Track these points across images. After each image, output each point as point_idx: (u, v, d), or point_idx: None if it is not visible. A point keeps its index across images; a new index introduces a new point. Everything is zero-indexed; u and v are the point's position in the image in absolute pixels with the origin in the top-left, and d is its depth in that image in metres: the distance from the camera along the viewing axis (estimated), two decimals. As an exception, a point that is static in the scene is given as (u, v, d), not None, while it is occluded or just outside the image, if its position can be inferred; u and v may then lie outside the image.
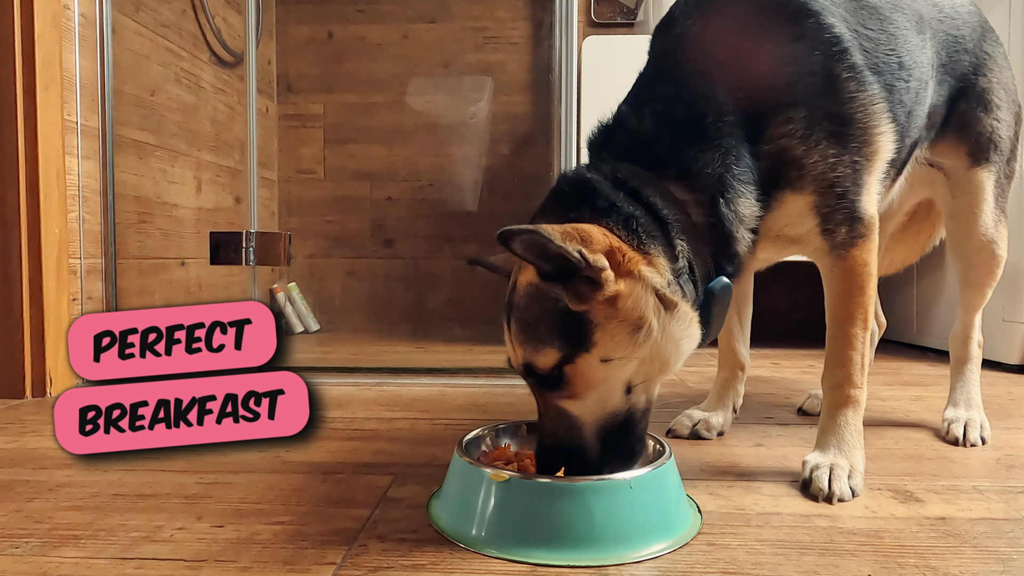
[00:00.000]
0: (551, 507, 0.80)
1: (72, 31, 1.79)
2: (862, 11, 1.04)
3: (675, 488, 0.89)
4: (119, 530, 0.86)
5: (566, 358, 0.84)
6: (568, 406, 0.87)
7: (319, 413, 0.95)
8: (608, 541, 0.79)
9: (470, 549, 0.80)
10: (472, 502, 0.84)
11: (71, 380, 1.75)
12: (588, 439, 0.87)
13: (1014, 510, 0.93)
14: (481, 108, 3.11)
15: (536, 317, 0.85)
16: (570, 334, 0.83)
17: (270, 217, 3.11)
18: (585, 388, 0.86)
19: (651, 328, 0.85)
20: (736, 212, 0.92)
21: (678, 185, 0.91)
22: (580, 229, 0.81)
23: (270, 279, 3.06)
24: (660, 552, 0.79)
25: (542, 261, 0.80)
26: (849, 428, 1.02)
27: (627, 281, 0.83)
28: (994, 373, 2.03)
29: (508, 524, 0.81)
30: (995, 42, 1.29)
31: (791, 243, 1.02)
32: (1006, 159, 1.28)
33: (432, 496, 0.96)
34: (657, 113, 0.94)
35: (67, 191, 1.74)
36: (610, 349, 0.84)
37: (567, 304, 0.82)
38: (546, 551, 0.78)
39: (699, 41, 0.99)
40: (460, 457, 0.89)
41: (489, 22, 3.10)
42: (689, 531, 0.85)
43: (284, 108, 3.17)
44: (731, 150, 0.92)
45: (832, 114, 0.95)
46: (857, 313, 1.01)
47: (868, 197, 1.00)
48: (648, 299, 0.84)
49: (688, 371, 2.06)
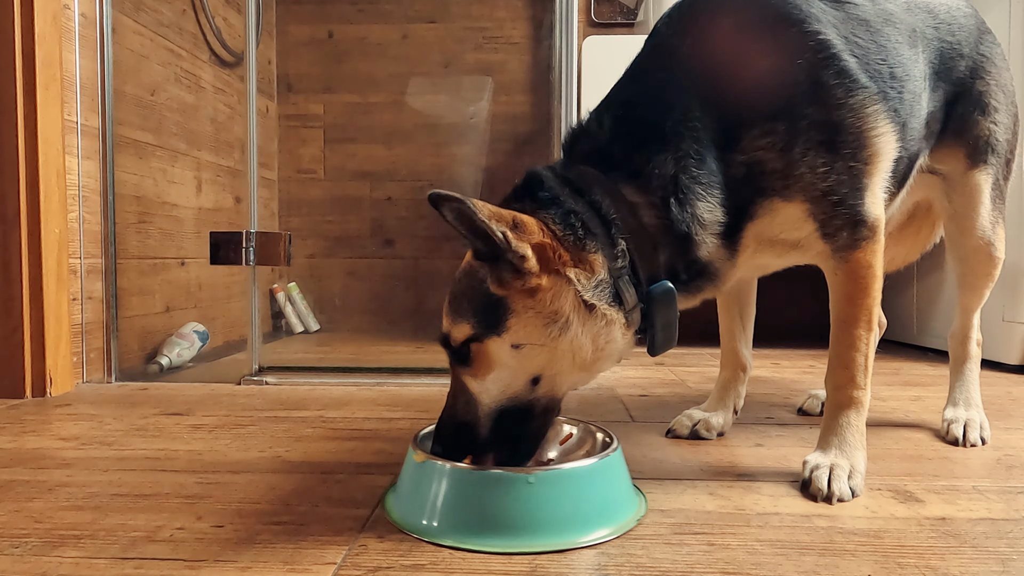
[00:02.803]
0: (499, 496, 0.83)
1: (72, 31, 1.79)
2: (851, 21, 1.04)
3: (621, 478, 0.92)
4: (119, 530, 0.86)
5: (476, 336, 0.88)
6: (471, 384, 0.91)
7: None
8: (555, 528, 0.82)
9: (423, 539, 0.83)
10: (424, 494, 0.87)
11: (71, 380, 1.75)
12: (482, 419, 0.91)
13: (1014, 510, 0.93)
14: (481, 108, 3.11)
15: (463, 292, 0.90)
16: (486, 315, 0.87)
17: (270, 217, 3.11)
18: (489, 369, 0.89)
19: (567, 324, 0.87)
20: (694, 215, 0.91)
21: (630, 187, 0.92)
22: (517, 216, 0.84)
23: (270, 279, 3.06)
24: (604, 538, 0.83)
25: (473, 237, 0.84)
26: (851, 429, 1.02)
27: (551, 277, 0.86)
28: (994, 373, 2.03)
29: (458, 514, 0.84)
30: (992, 43, 1.29)
31: (791, 248, 1.02)
32: (1004, 161, 1.28)
33: (388, 490, 0.98)
34: (617, 117, 0.96)
35: (67, 191, 1.74)
36: (522, 337, 0.87)
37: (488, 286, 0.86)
38: (494, 539, 0.81)
39: (676, 51, 0.99)
40: (413, 450, 0.91)
41: (489, 22, 3.10)
42: (632, 519, 0.88)
43: (284, 108, 3.17)
44: (691, 154, 0.91)
45: (820, 122, 0.94)
46: (861, 315, 1.01)
47: (872, 199, 0.98)
48: (568, 297, 0.87)
49: (688, 371, 2.06)
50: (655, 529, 0.86)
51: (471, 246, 0.87)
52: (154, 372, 2.05)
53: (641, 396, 1.68)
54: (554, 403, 0.95)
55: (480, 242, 0.84)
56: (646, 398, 1.66)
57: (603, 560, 0.78)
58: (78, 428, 1.36)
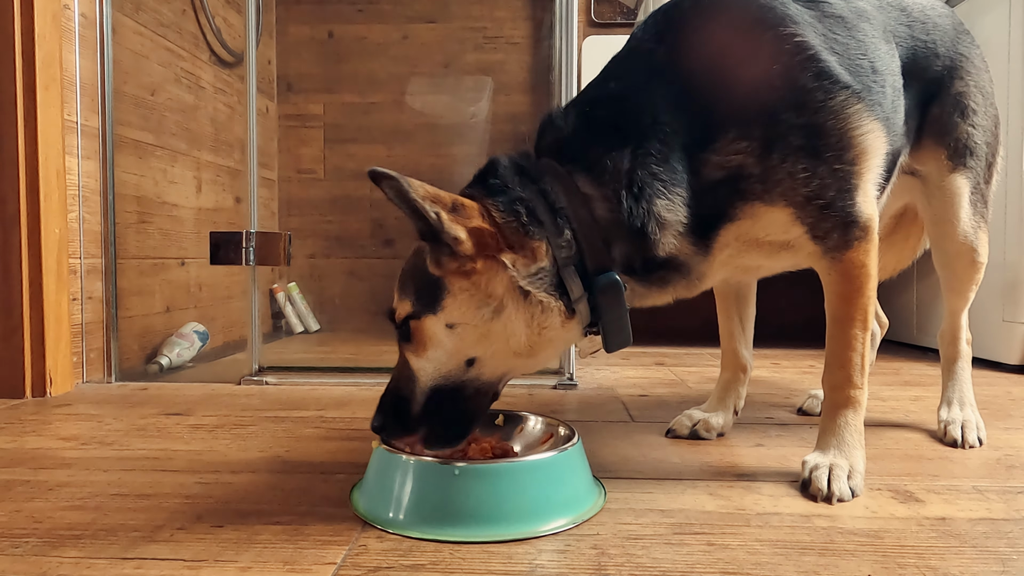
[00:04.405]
0: (461, 488, 0.85)
1: (72, 31, 1.79)
2: (827, 19, 1.04)
3: (581, 470, 0.95)
4: (119, 530, 0.86)
5: (415, 314, 0.92)
6: (412, 360, 0.95)
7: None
8: (514, 518, 0.85)
9: (387, 531, 0.85)
10: (389, 486, 0.89)
11: (71, 380, 1.75)
12: (417, 396, 0.94)
13: (1014, 510, 0.93)
14: (481, 108, 3.11)
15: (409, 270, 0.94)
16: (425, 293, 0.91)
17: (270, 217, 3.11)
18: (426, 346, 0.92)
19: (500, 308, 0.90)
20: (649, 211, 0.91)
21: (584, 178, 0.92)
22: (458, 200, 0.87)
23: (270, 279, 3.06)
24: (563, 527, 0.86)
25: (413, 216, 0.86)
26: (849, 428, 1.02)
27: (486, 261, 0.88)
28: (994, 373, 2.03)
29: (422, 505, 0.86)
30: (971, 44, 1.28)
31: (781, 248, 1.01)
32: (984, 164, 1.27)
33: (354, 486, 0.99)
34: (582, 113, 0.97)
35: (67, 191, 1.74)
36: (456, 317, 0.90)
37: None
38: (457, 529, 0.84)
39: (651, 54, 0.98)
40: (378, 444, 0.94)
41: (489, 22, 3.10)
42: (591, 509, 0.91)
43: (284, 108, 3.17)
44: (651, 152, 0.91)
45: (800, 127, 0.92)
46: (856, 314, 1.01)
47: (863, 198, 0.98)
48: (503, 281, 0.89)
49: (688, 371, 2.06)
50: (655, 529, 0.86)
51: (415, 226, 0.89)
52: (154, 372, 2.05)
53: (641, 396, 1.69)
54: (489, 387, 0.97)
55: (419, 223, 0.87)
56: (646, 398, 1.66)
57: (603, 560, 0.78)
58: (78, 428, 1.36)
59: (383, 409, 0.95)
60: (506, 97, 3.10)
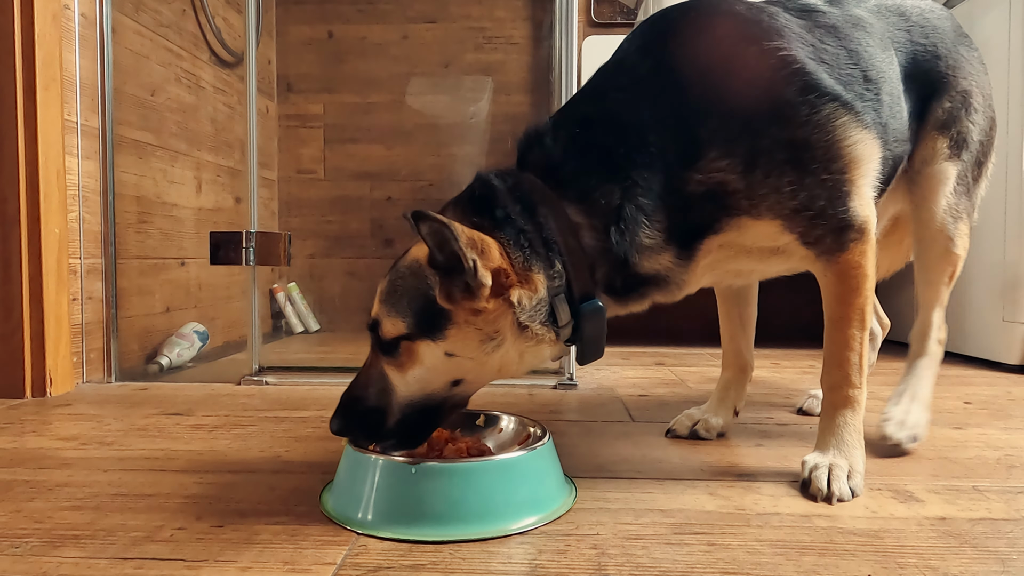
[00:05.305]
0: (422, 487, 0.86)
1: (72, 31, 1.79)
2: (818, 29, 1.03)
3: (549, 469, 0.96)
4: (119, 530, 0.86)
5: (410, 336, 0.90)
6: (392, 374, 0.93)
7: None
8: (479, 517, 0.86)
9: (357, 531, 0.85)
10: (359, 487, 0.89)
11: (71, 380, 1.75)
12: (394, 409, 0.93)
13: (1014, 510, 0.93)
14: (481, 108, 3.11)
15: (405, 289, 0.91)
16: (426, 319, 0.89)
17: (270, 217, 3.11)
18: (413, 366, 0.91)
19: (502, 342, 0.90)
20: (632, 241, 0.92)
21: (575, 207, 0.93)
22: (484, 241, 0.86)
23: (270, 279, 3.07)
24: (531, 526, 0.87)
25: (438, 251, 0.85)
26: (848, 428, 1.02)
27: (497, 301, 0.87)
28: (994, 373, 2.03)
29: (391, 505, 0.87)
30: (970, 47, 1.28)
31: (771, 254, 1.01)
32: (975, 161, 1.26)
33: (324, 487, 0.99)
34: (573, 135, 0.96)
35: (67, 191, 1.74)
36: (458, 348, 0.90)
37: (435, 295, 0.87)
38: (428, 528, 0.84)
39: (637, 70, 0.98)
40: (348, 445, 0.94)
41: (489, 22, 3.10)
42: (561, 507, 0.92)
43: (284, 108, 3.17)
44: (638, 183, 0.91)
45: (784, 142, 0.92)
46: (853, 315, 1.01)
47: (858, 202, 0.97)
48: (508, 318, 0.89)
49: (688, 371, 2.06)
50: (655, 529, 0.86)
51: (430, 254, 0.87)
52: (154, 372, 2.05)
53: (641, 396, 1.69)
54: (466, 400, 0.99)
55: (444, 258, 0.85)
56: (646, 398, 1.66)
57: (603, 560, 0.78)
58: (78, 428, 1.36)
59: (346, 415, 0.94)
60: (506, 97, 3.10)
